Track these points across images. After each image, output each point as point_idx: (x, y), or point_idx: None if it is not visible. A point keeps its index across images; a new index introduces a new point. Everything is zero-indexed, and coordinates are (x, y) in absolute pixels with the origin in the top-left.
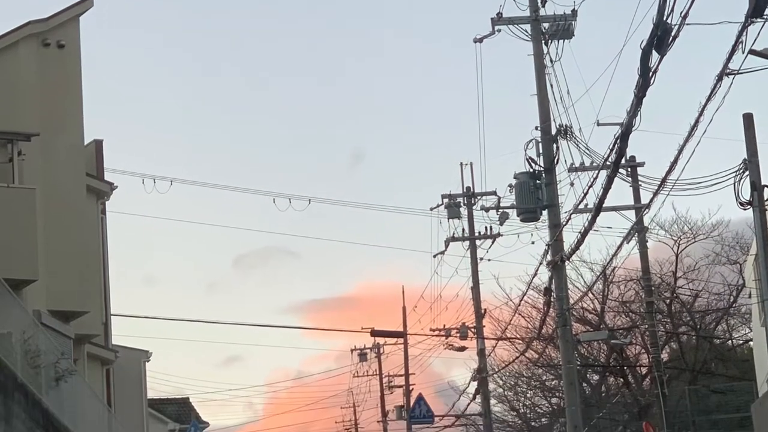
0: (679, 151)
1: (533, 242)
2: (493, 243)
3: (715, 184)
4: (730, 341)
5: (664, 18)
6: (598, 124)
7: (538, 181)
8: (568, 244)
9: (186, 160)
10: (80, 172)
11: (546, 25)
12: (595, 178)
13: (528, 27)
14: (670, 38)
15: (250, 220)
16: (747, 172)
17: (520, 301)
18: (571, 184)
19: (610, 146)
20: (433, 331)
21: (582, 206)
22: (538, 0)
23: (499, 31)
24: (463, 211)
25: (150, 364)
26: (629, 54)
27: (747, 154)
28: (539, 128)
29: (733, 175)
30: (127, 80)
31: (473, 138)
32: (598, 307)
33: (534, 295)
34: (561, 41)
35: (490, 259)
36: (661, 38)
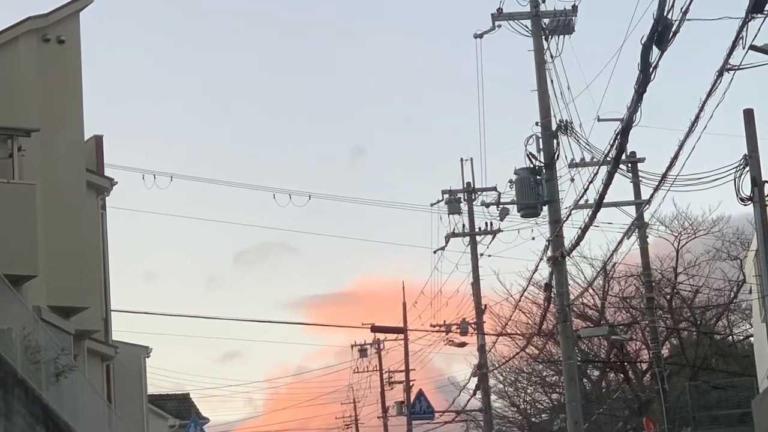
0: (680, 147)
1: (533, 238)
2: (494, 239)
3: (716, 179)
4: (731, 337)
5: (665, 13)
6: (599, 120)
7: (538, 177)
8: (569, 239)
9: (186, 155)
10: (80, 168)
11: (546, 21)
12: (596, 174)
13: (528, 22)
14: (671, 34)
15: (250, 216)
16: (747, 168)
17: (521, 296)
18: (572, 180)
19: (611, 142)
20: (434, 326)
21: (582, 202)
22: None
23: (500, 26)
24: (464, 206)
25: (150, 360)
26: (630, 49)
27: (747, 150)
28: (539, 124)
29: (734, 170)
30: (127, 76)
31: (473, 133)
32: (599, 303)
33: (534, 291)
34: (561, 37)
35: (490, 255)
36: (661, 34)
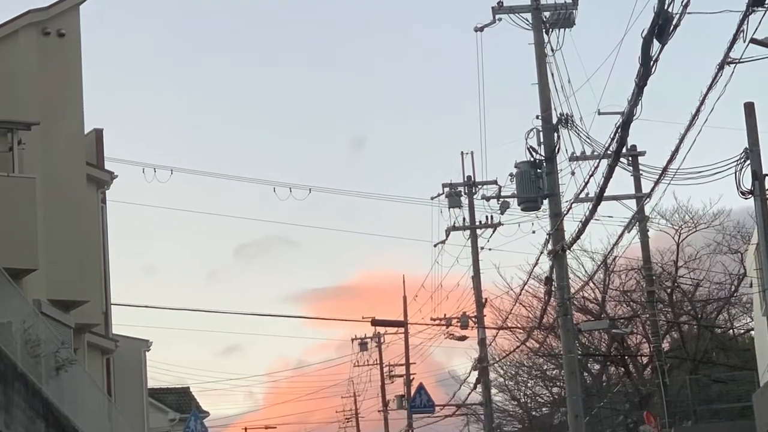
0: (680, 140)
1: (534, 231)
2: (494, 232)
3: (717, 173)
4: (732, 331)
5: (665, 7)
6: (599, 113)
7: (539, 170)
8: (569, 233)
9: (186, 149)
10: (80, 161)
11: (547, 14)
12: (596, 167)
13: (529, 16)
14: (671, 27)
15: (251, 210)
16: (748, 162)
17: (521, 290)
18: (572, 173)
19: (611, 135)
20: (434, 320)
21: (583, 195)
22: None
23: (500, 19)
24: (464, 200)
25: (150, 354)
26: (630, 43)
27: (748, 143)
28: (540, 117)
29: (735, 164)
30: (128, 69)
31: (474, 127)
32: (599, 297)
33: (535, 285)
34: (562, 30)
35: (490, 249)
36: (662, 27)
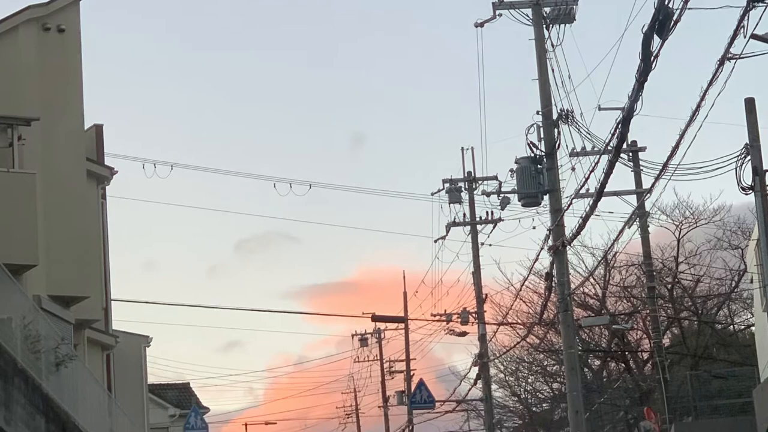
0: (681, 136)
1: (534, 227)
2: (494, 228)
3: (717, 168)
4: (732, 326)
5: (666, 2)
6: (600, 109)
7: (539, 166)
8: (570, 229)
9: (187, 144)
10: (80, 157)
11: (547, 10)
12: (597, 163)
13: (529, 11)
14: (672, 23)
15: (251, 205)
16: (749, 157)
17: (521, 286)
18: (573, 169)
19: (612, 131)
20: (434, 316)
21: (583, 191)
22: None
23: (500, 15)
24: (464, 195)
25: (150, 350)
26: (631, 38)
27: (749, 139)
28: (540, 113)
29: (735, 159)
30: (128, 65)
31: (474, 122)
32: (600, 292)
33: (535, 280)
34: (562, 26)
35: (491, 244)
36: (662, 23)
